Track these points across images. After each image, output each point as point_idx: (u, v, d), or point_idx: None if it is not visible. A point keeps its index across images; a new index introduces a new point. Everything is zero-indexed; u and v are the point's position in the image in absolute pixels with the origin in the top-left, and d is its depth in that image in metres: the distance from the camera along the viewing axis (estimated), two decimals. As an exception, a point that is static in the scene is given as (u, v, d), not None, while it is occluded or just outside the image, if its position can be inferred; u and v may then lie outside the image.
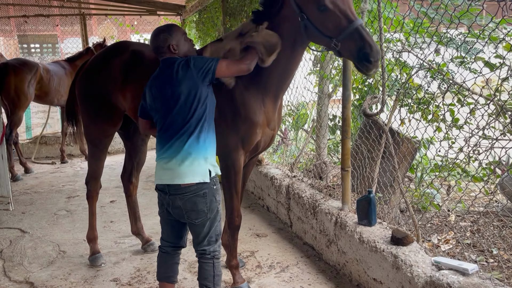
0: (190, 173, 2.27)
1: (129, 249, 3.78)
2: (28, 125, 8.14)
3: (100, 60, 3.24)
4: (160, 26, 2.52)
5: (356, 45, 2.16)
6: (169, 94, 2.32)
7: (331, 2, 2.21)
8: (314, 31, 2.31)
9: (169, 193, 2.33)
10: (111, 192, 5.45)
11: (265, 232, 4.04)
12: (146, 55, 3.05)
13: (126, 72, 3.05)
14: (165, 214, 2.43)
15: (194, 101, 2.29)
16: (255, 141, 2.76)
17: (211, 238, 2.39)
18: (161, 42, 2.40)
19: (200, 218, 2.32)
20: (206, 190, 2.30)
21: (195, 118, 2.30)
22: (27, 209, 4.96)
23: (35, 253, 3.74)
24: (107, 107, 3.19)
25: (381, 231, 2.81)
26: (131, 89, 3.01)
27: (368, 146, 3.35)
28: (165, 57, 2.42)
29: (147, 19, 9.46)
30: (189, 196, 2.28)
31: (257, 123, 2.68)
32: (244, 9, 4.97)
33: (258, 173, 4.80)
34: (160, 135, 2.38)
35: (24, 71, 6.38)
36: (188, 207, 2.31)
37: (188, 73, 2.30)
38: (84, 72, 3.32)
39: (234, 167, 2.70)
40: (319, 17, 2.26)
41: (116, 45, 3.38)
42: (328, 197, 3.52)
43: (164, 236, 2.51)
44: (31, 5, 7.86)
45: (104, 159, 3.49)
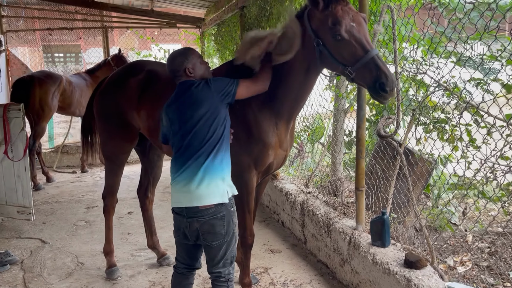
0: (208, 195, 2.28)
1: (145, 262, 3.84)
2: (51, 135, 8.36)
3: (116, 80, 3.35)
4: (176, 50, 2.57)
5: (372, 75, 2.19)
6: (188, 116, 2.34)
7: (346, 31, 2.23)
8: (329, 58, 2.34)
9: (187, 216, 2.33)
10: (129, 203, 5.55)
11: (279, 248, 4.06)
12: (161, 75, 3.13)
13: (141, 92, 3.13)
14: (181, 237, 2.44)
15: (213, 123, 2.32)
16: (267, 162, 2.79)
17: (227, 260, 2.39)
18: (177, 66, 2.45)
19: (218, 241, 2.33)
20: (224, 213, 2.31)
21: (213, 139, 2.32)
22: (47, 219, 5.08)
23: (54, 264, 3.84)
24: (123, 125, 3.28)
25: (395, 253, 2.80)
26: (146, 108, 3.09)
27: (382, 166, 3.34)
28: (182, 81, 2.47)
29: (167, 31, 9.65)
30: (207, 218, 2.29)
31: (269, 145, 2.72)
32: (262, 25, 5.02)
33: (273, 188, 4.83)
34: (176, 157, 2.40)
35: (48, 83, 6.58)
36: (205, 230, 2.31)
37: (209, 94, 2.34)
38: (102, 91, 3.42)
39: (246, 187, 2.73)
40: (335, 45, 2.29)
41: (132, 64, 3.48)
42: (343, 216, 3.52)
43: (179, 257, 2.53)
44: (55, 19, 8.11)
45: (121, 175, 3.57)
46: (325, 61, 2.40)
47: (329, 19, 2.27)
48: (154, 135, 3.11)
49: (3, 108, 4.67)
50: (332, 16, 2.26)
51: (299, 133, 5.20)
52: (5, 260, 3.77)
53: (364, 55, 2.20)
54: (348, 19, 2.25)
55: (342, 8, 2.27)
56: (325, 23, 2.29)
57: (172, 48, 12.64)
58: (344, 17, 2.25)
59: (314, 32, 2.37)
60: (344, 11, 2.27)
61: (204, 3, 7.56)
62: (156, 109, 2.97)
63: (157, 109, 2.96)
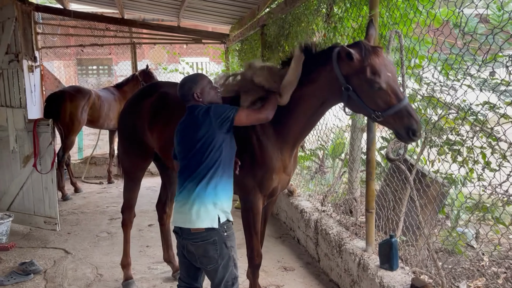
0: (198, 219, 2.34)
1: (161, 275, 3.95)
2: (80, 146, 8.69)
3: (133, 101, 3.54)
4: (187, 76, 2.69)
5: (404, 122, 2.29)
6: (189, 138, 2.46)
7: (385, 82, 2.29)
8: (358, 103, 2.39)
9: (182, 237, 2.42)
10: (150, 216, 5.70)
11: (293, 266, 4.08)
12: (171, 97, 3.26)
13: (153, 113, 3.28)
14: (181, 256, 2.53)
15: (208, 147, 2.38)
16: (271, 186, 2.83)
17: (228, 282, 2.44)
18: (185, 91, 2.56)
19: (212, 265, 2.39)
20: (216, 238, 2.35)
21: (206, 164, 2.37)
22: (72, 230, 5.29)
23: (75, 274, 4.00)
24: (139, 144, 3.45)
25: (402, 276, 2.79)
26: (157, 129, 3.23)
27: (392, 188, 3.33)
28: (190, 105, 2.57)
29: (194, 46, 9.90)
30: (200, 242, 2.36)
31: (273, 169, 2.77)
32: (281, 43, 5.11)
33: (289, 204, 4.86)
34: (178, 175, 2.51)
35: (78, 98, 6.87)
36: (199, 253, 2.39)
37: (207, 120, 2.41)
38: (122, 111, 3.63)
39: (252, 209, 2.79)
40: (369, 93, 2.33)
41: (148, 86, 3.65)
42: (354, 236, 3.52)
43: (181, 275, 2.61)
44: (87, 36, 8.47)
45: (138, 190, 3.71)
46: (353, 104, 2.46)
47: (367, 70, 2.29)
48: (165, 154, 3.24)
49: (34, 123, 4.93)
50: (370, 67, 2.29)
51: (315, 150, 5.22)
52: (29, 270, 3.95)
53: (398, 103, 2.29)
54: (385, 69, 2.30)
55: (379, 59, 2.31)
56: (361, 73, 2.32)
57: (199, 61, 12.95)
58: (382, 69, 2.29)
59: (345, 77, 2.39)
60: (381, 62, 2.31)
61: (228, 20, 7.74)
62: (166, 130, 3.11)
63: (167, 130, 3.09)
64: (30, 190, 5.11)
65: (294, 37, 4.66)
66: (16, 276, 3.86)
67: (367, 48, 2.30)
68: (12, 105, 4.98)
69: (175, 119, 3.15)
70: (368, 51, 2.30)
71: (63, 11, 7.84)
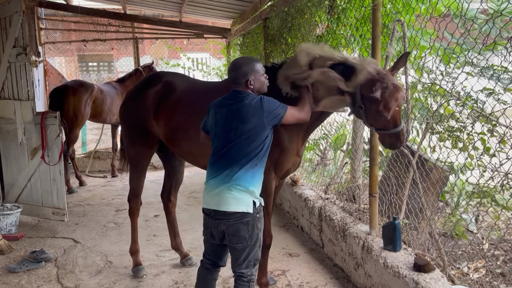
0: (235, 202, 2.41)
1: (169, 262, 4.05)
2: (84, 141, 8.77)
3: (137, 90, 3.61)
4: (242, 58, 2.67)
5: (392, 141, 2.66)
6: (234, 126, 2.45)
7: (391, 115, 2.54)
8: (362, 117, 2.67)
9: (215, 218, 2.48)
10: (155, 207, 5.80)
11: (297, 252, 4.18)
12: (177, 85, 3.37)
13: (159, 102, 3.37)
14: (208, 236, 2.59)
15: (255, 139, 2.43)
16: (286, 167, 3.02)
17: (250, 262, 2.52)
18: (240, 75, 2.49)
19: (241, 244, 2.46)
20: (249, 219, 2.43)
21: (250, 154, 2.43)
22: (80, 220, 5.39)
23: (85, 262, 4.10)
24: (144, 133, 3.53)
25: (405, 257, 2.89)
26: (163, 117, 3.32)
27: (395, 173, 3.43)
28: (238, 89, 2.52)
29: (195, 41, 9.97)
30: (233, 222, 2.43)
31: (290, 151, 2.95)
32: (284, 36, 5.20)
33: (293, 194, 4.96)
34: (214, 160, 2.53)
35: (81, 91, 6.94)
36: (231, 232, 2.46)
37: (260, 112, 2.42)
38: (125, 101, 3.72)
39: (266, 189, 2.90)
40: (375, 117, 2.59)
41: (151, 76, 3.75)
42: (358, 221, 3.62)
43: (206, 254, 2.68)
44: (90, 31, 8.54)
45: (143, 179, 3.81)
46: (357, 115, 2.73)
47: (381, 104, 2.50)
48: (171, 142, 3.33)
49: (41, 115, 5.01)
50: (384, 103, 2.50)
51: (318, 140, 5.32)
52: (40, 258, 4.05)
53: (393, 128, 2.59)
54: (395, 105, 2.52)
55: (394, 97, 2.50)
56: (375, 103, 2.51)
57: (200, 57, 13.00)
58: (393, 105, 2.51)
59: (361, 97, 2.57)
60: (394, 99, 2.51)
61: (230, 14, 7.81)
62: (173, 117, 3.21)
63: (173, 118, 3.20)
64: (38, 181, 5.20)
65: (297, 29, 4.75)
66: (28, 264, 3.95)
67: (389, 88, 2.48)
68: (20, 98, 5.06)
69: (182, 107, 3.26)
70: (390, 90, 2.48)
71: (67, 7, 7.91)
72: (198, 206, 5.91)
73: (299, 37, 4.68)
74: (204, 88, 3.40)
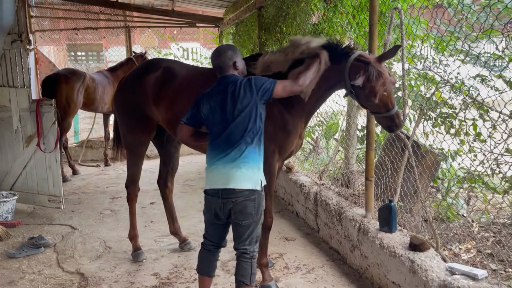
0: (245, 179, 2.50)
1: (168, 247, 4.11)
2: (76, 130, 8.74)
3: (135, 76, 3.63)
4: (222, 46, 2.80)
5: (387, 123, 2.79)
6: (230, 108, 2.54)
7: (379, 99, 2.66)
8: (354, 98, 2.82)
9: (222, 197, 2.54)
10: (151, 194, 5.84)
11: (293, 236, 4.28)
12: (177, 71, 3.44)
13: (160, 87, 3.41)
14: (212, 217, 2.66)
15: (252, 115, 2.53)
16: (290, 150, 3.15)
17: (253, 239, 2.61)
18: (227, 59, 2.63)
19: (247, 220, 2.56)
20: (256, 196, 2.53)
21: (253, 130, 2.53)
22: (76, 208, 5.41)
23: (84, 247, 4.14)
24: (142, 119, 3.57)
25: (401, 237, 3.00)
26: (165, 102, 3.37)
27: (391, 157, 3.54)
28: (226, 75, 2.65)
29: (187, 31, 9.95)
30: (241, 200, 2.51)
31: (294, 134, 3.08)
32: (278, 25, 5.24)
33: (288, 180, 5.05)
34: (215, 144, 2.60)
35: (73, 80, 6.90)
36: (238, 210, 2.54)
37: (250, 90, 2.54)
38: (121, 88, 3.73)
39: (270, 171, 3.01)
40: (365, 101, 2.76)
41: (149, 62, 3.79)
42: (353, 205, 3.73)
43: (207, 236, 2.75)
44: (81, 19, 8.47)
45: (141, 165, 3.86)
46: (350, 96, 2.88)
47: (367, 90, 2.66)
48: (172, 127, 3.38)
49: (36, 103, 5.00)
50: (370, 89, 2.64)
51: (313, 127, 5.40)
52: (39, 243, 4.08)
53: (385, 112, 2.73)
54: (382, 90, 2.64)
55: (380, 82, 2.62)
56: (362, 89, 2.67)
57: (191, 46, 12.97)
58: (379, 90, 2.63)
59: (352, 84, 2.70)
60: (381, 84, 2.62)
61: (223, 3, 7.81)
62: (175, 102, 3.27)
63: (176, 103, 3.26)
64: (33, 169, 5.20)
65: (292, 18, 4.80)
66: (28, 249, 3.99)
67: (373, 75, 2.61)
68: (15, 85, 5.04)
69: (183, 92, 3.31)
70: (373, 76, 2.61)
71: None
72: (193, 194, 5.99)
73: (294, 26, 4.73)
74: (205, 74, 3.44)
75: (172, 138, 3.88)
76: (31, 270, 3.67)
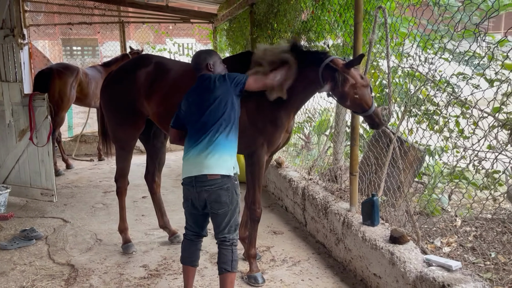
0: (217, 166, 2.61)
1: (157, 240, 4.19)
2: (70, 125, 8.78)
3: (125, 71, 3.69)
4: (201, 50, 3.03)
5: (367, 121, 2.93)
6: (206, 98, 2.73)
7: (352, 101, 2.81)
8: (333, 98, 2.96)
9: (196, 186, 2.65)
10: (142, 189, 5.89)
11: (281, 230, 4.36)
12: (168, 66, 3.52)
13: (151, 82, 3.47)
14: (190, 207, 2.77)
15: (226, 105, 2.69)
16: (277, 142, 3.24)
17: (231, 227, 2.72)
18: (201, 60, 2.87)
19: (223, 209, 2.66)
20: (229, 184, 2.64)
21: (225, 119, 2.67)
22: (68, 201, 5.47)
23: (75, 240, 4.21)
24: (132, 113, 3.62)
25: (382, 231, 3.09)
26: (156, 97, 3.43)
27: (375, 153, 3.61)
28: (202, 74, 2.86)
29: (181, 26, 9.97)
30: (214, 189, 2.61)
31: (282, 128, 3.17)
32: (270, 21, 5.30)
33: (278, 175, 5.13)
34: (192, 132, 2.73)
35: (66, 74, 6.94)
36: (212, 199, 2.64)
37: (224, 83, 2.75)
38: (110, 82, 3.77)
39: (258, 162, 3.11)
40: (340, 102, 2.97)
41: (140, 57, 3.88)
42: (339, 199, 3.81)
43: (188, 226, 2.86)
44: (75, 14, 8.49)
45: (130, 159, 3.92)
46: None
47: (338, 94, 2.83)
48: (164, 121, 3.44)
49: (29, 97, 5.05)
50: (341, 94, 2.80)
51: (302, 123, 5.47)
52: (31, 236, 4.14)
53: (362, 113, 2.88)
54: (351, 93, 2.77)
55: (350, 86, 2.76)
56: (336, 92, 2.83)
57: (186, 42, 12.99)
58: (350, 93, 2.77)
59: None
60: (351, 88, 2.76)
61: (217, -1, 7.86)
62: (167, 97, 3.33)
63: (167, 97, 3.32)
64: (26, 163, 5.25)
65: (282, 15, 4.86)
66: (19, 241, 4.05)
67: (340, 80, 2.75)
68: (8, 79, 5.07)
69: (175, 86, 3.38)
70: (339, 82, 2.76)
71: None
72: (185, 188, 6.05)
73: (284, 23, 4.79)
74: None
75: (158, 133, 3.95)
76: (22, 262, 3.74)
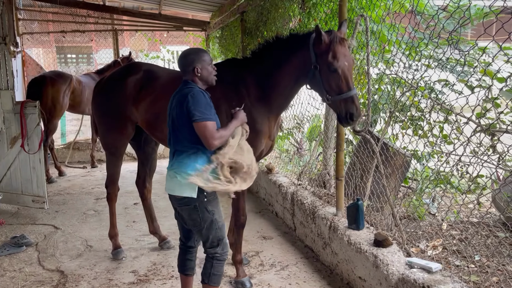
0: (179, 188, 2.50)
1: (148, 246, 4.21)
2: (63, 132, 8.80)
3: (115, 79, 3.75)
4: (190, 48, 2.75)
5: (348, 107, 2.75)
6: (175, 113, 2.54)
7: (341, 68, 2.72)
8: (318, 81, 2.83)
9: (172, 202, 2.65)
10: (134, 196, 5.92)
11: (271, 235, 4.40)
12: (157, 74, 3.56)
13: (140, 89, 3.53)
14: (178, 218, 2.75)
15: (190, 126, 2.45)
16: (260, 148, 3.23)
17: (213, 242, 2.64)
18: (187, 63, 2.54)
19: (196, 227, 2.62)
20: (197, 203, 2.51)
21: (190, 140, 2.49)
22: (60, 208, 5.49)
23: (66, 246, 4.23)
24: (122, 120, 3.67)
25: (367, 234, 3.13)
26: (145, 104, 3.48)
27: (360, 158, 3.67)
28: (185, 80, 2.58)
29: (175, 34, 10.06)
30: (183, 207, 2.57)
31: (262, 134, 3.17)
32: (260, 29, 5.38)
33: (268, 181, 5.17)
34: (169, 146, 2.68)
35: (60, 82, 6.98)
36: (185, 216, 2.62)
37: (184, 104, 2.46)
38: (101, 89, 3.83)
39: None
40: (327, 74, 2.78)
41: (130, 65, 3.92)
42: (326, 204, 3.86)
43: (180, 235, 2.85)
44: (69, 22, 8.55)
45: (121, 165, 3.96)
46: (314, 82, 2.89)
47: (330, 53, 2.74)
48: (152, 127, 3.49)
49: (20, 104, 5.08)
50: (333, 52, 2.73)
51: (291, 130, 5.53)
52: (21, 242, 4.16)
53: (347, 91, 2.74)
54: (343, 58, 2.73)
55: (342, 49, 2.75)
56: (325, 54, 2.76)
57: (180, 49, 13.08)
58: (341, 57, 2.73)
59: (316, 55, 2.82)
60: (342, 51, 2.75)
61: (209, 7, 7.93)
62: (155, 104, 3.37)
63: (155, 104, 3.36)
64: (17, 170, 5.27)
65: (272, 23, 4.94)
66: (10, 248, 4.06)
67: (336, 36, 2.76)
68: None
69: (162, 95, 3.42)
70: (335, 38, 2.75)
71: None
72: (177, 195, 6.08)
73: (274, 31, 4.87)
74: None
75: (149, 140, 3.99)
76: (12, 268, 3.75)
